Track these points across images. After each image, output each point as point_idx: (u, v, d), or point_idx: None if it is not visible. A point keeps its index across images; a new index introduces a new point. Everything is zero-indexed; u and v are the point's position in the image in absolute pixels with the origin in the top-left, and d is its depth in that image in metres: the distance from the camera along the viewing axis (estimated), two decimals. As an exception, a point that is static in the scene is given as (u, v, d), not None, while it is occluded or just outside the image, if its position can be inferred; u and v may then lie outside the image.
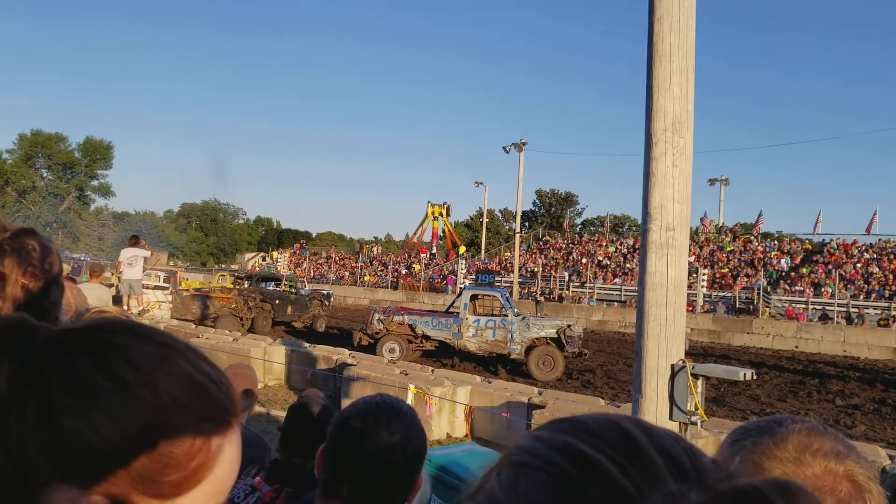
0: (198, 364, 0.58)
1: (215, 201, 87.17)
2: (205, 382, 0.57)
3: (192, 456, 0.54)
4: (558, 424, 0.47)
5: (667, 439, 0.44)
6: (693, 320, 26.81)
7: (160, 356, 0.56)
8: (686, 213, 4.18)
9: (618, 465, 0.41)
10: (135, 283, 14.53)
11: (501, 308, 16.17)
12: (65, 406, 0.51)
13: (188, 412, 0.55)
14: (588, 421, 0.46)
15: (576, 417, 0.47)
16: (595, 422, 0.46)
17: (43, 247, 1.17)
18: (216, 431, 0.57)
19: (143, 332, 0.58)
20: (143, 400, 0.53)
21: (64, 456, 0.51)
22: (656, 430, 0.45)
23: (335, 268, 53.12)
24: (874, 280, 30.76)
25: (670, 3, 4.11)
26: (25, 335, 0.56)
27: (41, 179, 72.93)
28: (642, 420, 0.47)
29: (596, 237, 46.76)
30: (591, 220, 70.76)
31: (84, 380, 0.53)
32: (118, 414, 0.52)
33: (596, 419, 0.46)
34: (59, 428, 0.51)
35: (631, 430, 0.44)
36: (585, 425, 0.46)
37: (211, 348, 11.67)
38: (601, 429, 0.45)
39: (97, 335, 0.56)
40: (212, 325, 18.29)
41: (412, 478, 1.38)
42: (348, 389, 9.66)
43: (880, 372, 19.27)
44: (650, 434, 0.44)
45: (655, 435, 0.44)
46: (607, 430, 0.45)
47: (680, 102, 4.10)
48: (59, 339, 0.56)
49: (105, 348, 0.55)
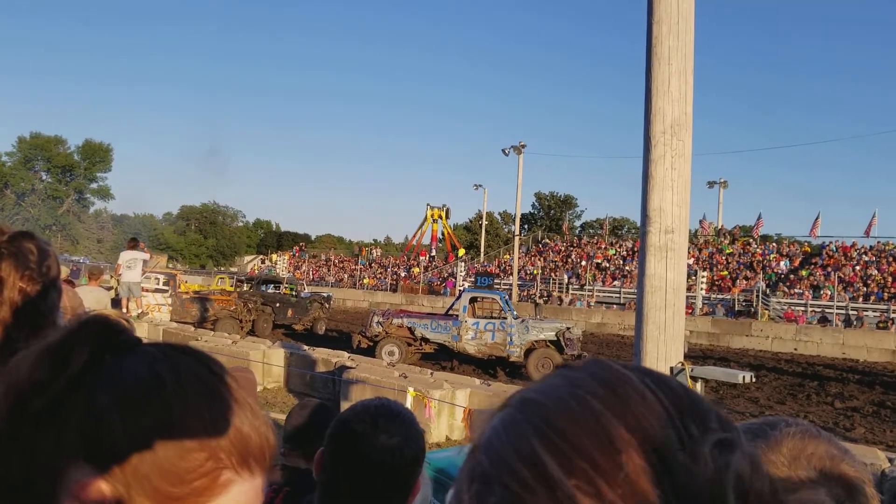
0: (243, 405, 0.62)
1: (214, 204, 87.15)
2: (238, 422, 0.60)
3: (196, 474, 0.56)
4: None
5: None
6: (692, 323, 26.80)
7: (207, 383, 0.61)
8: (685, 216, 4.19)
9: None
10: (134, 285, 14.51)
11: (500, 311, 16.17)
12: (108, 394, 0.58)
13: (208, 434, 0.58)
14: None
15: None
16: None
17: (41, 250, 1.17)
18: (230, 466, 0.58)
19: (208, 361, 0.65)
20: (169, 407, 0.57)
21: (92, 434, 0.56)
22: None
23: (334, 270, 53.11)
24: (873, 282, 30.78)
25: (669, 5, 4.12)
26: (112, 333, 0.63)
27: (40, 182, 72.94)
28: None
29: (595, 240, 46.78)
30: (591, 222, 70.77)
31: (130, 375, 0.59)
32: (148, 412, 0.57)
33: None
34: (96, 409, 0.57)
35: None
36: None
37: (209, 351, 11.59)
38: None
39: (164, 349, 0.63)
40: (211, 328, 18.28)
41: (411, 480, 1.38)
42: (347, 392, 9.65)
43: (879, 374, 19.27)
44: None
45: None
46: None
47: (679, 105, 4.11)
48: (135, 342, 0.64)
49: (164, 359, 0.61)
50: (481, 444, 0.47)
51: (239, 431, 0.60)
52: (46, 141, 71.52)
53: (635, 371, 0.47)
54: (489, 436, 0.47)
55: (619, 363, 0.49)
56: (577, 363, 0.51)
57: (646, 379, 0.46)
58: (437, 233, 54.66)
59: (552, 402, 0.46)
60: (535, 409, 0.46)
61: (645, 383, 0.46)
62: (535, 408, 0.46)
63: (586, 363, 0.49)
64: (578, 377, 0.47)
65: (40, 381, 0.59)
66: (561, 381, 0.47)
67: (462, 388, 9.40)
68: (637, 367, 0.48)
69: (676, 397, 0.45)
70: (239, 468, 0.59)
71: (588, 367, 0.49)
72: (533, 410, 0.46)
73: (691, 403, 0.45)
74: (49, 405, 0.58)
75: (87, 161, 74.06)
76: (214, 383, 0.62)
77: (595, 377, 0.46)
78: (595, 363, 0.49)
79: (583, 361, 0.51)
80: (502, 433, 0.46)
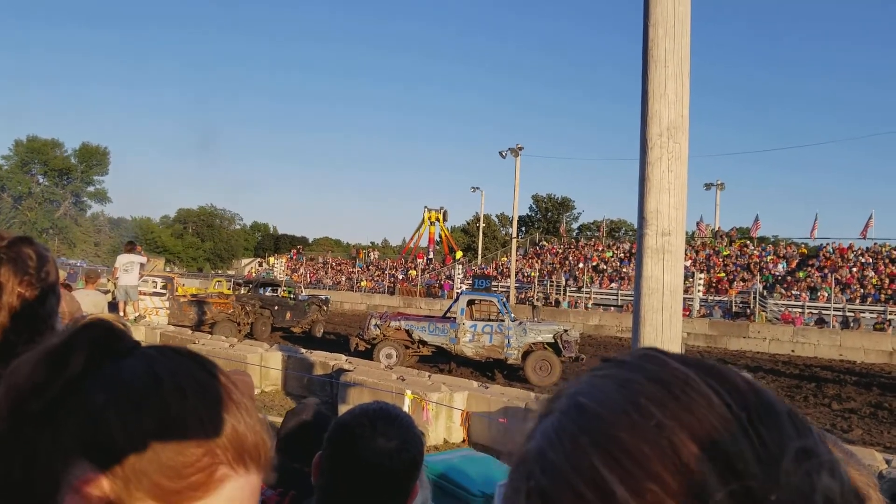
0: (239, 405, 0.63)
1: (212, 207, 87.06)
2: (234, 420, 0.62)
3: (193, 469, 0.58)
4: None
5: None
6: (689, 325, 26.83)
7: (204, 383, 0.63)
8: (682, 218, 4.19)
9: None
10: (131, 289, 14.47)
11: (498, 313, 16.17)
12: (106, 394, 0.59)
13: (205, 431, 0.60)
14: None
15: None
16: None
17: (39, 255, 1.17)
18: (226, 462, 0.60)
19: (205, 363, 0.66)
20: (167, 405, 0.59)
21: (90, 432, 0.58)
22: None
23: (332, 273, 53.06)
24: (870, 284, 30.84)
25: (665, 8, 4.13)
26: (109, 336, 0.65)
27: (37, 185, 72.80)
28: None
29: (592, 242, 46.81)
30: (588, 224, 70.87)
31: (128, 376, 0.61)
32: (146, 410, 0.58)
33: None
34: (94, 408, 0.59)
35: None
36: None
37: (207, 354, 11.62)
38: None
39: (161, 351, 0.65)
40: (209, 331, 18.27)
41: (409, 484, 1.37)
42: (345, 395, 9.64)
43: (876, 376, 19.30)
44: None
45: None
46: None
47: (675, 107, 4.12)
48: (132, 345, 0.66)
49: (161, 360, 0.63)
50: (532, 455, 0.42)
51: (234, 429, 0.61)
52: (43, 144, 71.42)
53: (694, 367, 0.43)
54: (541, 446, 0.42)
55: (674, 355, 0.44)
56: (625, 356, 0.46)
57: (708, 377, 0.41)
58: (435, 235, 54.79)
59: (607, 409, 0.41)
60: (588, 418, 0.41)
61: (708, 383, 0.41)
62: (588, 416, 0.41)
63: (638, 357, 0.45)
64: (632, 378, 0.42)
65: (39, 383, 0.61)
66: (612, 383, 0.43)
67: (460, 390, 9.40)
68: (695, 362, 0.44)
69: (743, 398, 0.40)
70: (235, 464, 0.60)
71: (641, 364, 0.44)
72: (587, 419, 0.41)
73: (761, 404, 0.41)
74: (48, 406, 0.60)
75: (84, 164, 73.95)
76: (211, 384, 0.63)
77: (651, 377, 0.42)
78: (647, 357, 0.44)
79: (633, 354, 0.46)
80: (557, 444, 0.41)
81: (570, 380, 0.47)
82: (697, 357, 0.45)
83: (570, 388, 0.45)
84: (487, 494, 4.34)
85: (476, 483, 4.44)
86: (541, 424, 0.44)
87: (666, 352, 0.45)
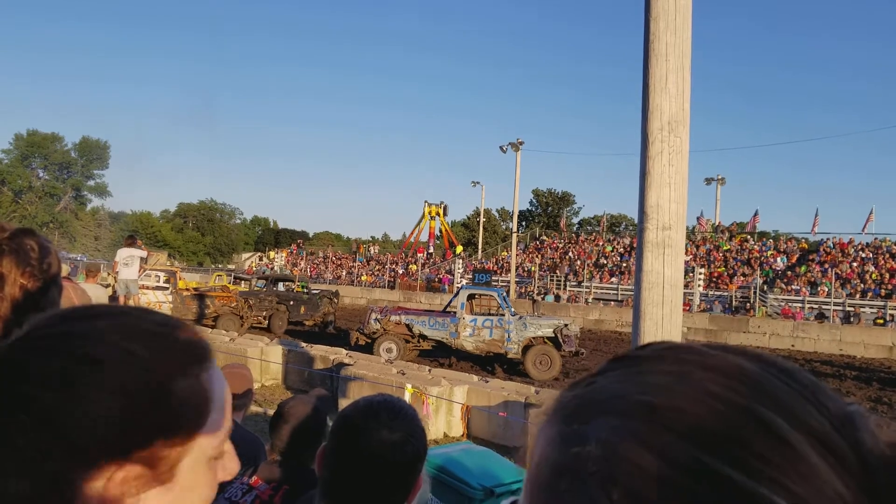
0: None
1: (212, 201, 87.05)
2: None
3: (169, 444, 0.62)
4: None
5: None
6: (689, 319, 26.85)
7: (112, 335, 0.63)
8: (682, 213, 4.19)
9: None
10: (131, 283, 14.46)
11: (498, 307, 16.17)
12: (43, 396, 0.58)
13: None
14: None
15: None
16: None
17: (42, 247, 1.17)
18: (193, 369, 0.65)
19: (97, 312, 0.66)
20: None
21: (70, 438, 0.58)
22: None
23: (332, 267, 53.05)
24: (870, 279, 30.83)
25: (666, 2, 4.12)
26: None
27: (37, 179, 72.81)
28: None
29: (593, 236, 46.79)
30: (588, 219, 70.83)
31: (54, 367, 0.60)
32: (102, 391, 0.59)
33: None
34: (42, 414, 0.57)
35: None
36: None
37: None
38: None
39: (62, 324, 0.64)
40: (213, 325, 18.30)
41: (412, 477, 1.37)
42: (345, 389, 9.66)
43: (876, 371, 19.32)
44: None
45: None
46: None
47: (676, 102, 4.11)
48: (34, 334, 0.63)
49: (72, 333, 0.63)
50: (611, 476, 0.39)
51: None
52: (43, 138, 71.40)
53: (731, 352, 0.43)
54: (623, 469, 0.39)
55: (700, 345, 0.44)
56: (647, 352, 0.45)
57: (747, 360, 0.42)
58: (435, 230, 54.76)
59: (684, 403, 0.39)
60: (667, 415, 0.39)
61: (753, 364, 0.42)
62: (666, 413, 0.39)
63: (668, 350, 0.44)
64: (684, 370, 0.41)
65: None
66: (666, 379, 0.41)
67: (460, 384, 9.41)
68: (720, 346, 0.44)
69: (789, 374, 0.41)
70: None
71: (680, 356, 0.43)
72: (666, 416, 0.39)
73: (810, 382, 0.41)
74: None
75: (85, 158, 73.97)
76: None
77: (704, 366, 0.41)
78: (679, 349, 0.44)
79: (656, 350, 0.45)
80: (640, 447, 0.39)
81: (585, 388, 0.45)
82: (712, 343, 0.45)
83: (604, 392, 0.43)
84: (486, 487, 4.34)
85: (475, 476, 4.45)
86: (591, 432, 0.41)
87: (685, 343, 0.45)
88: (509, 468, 4.82)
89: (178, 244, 78.38)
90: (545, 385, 12.66)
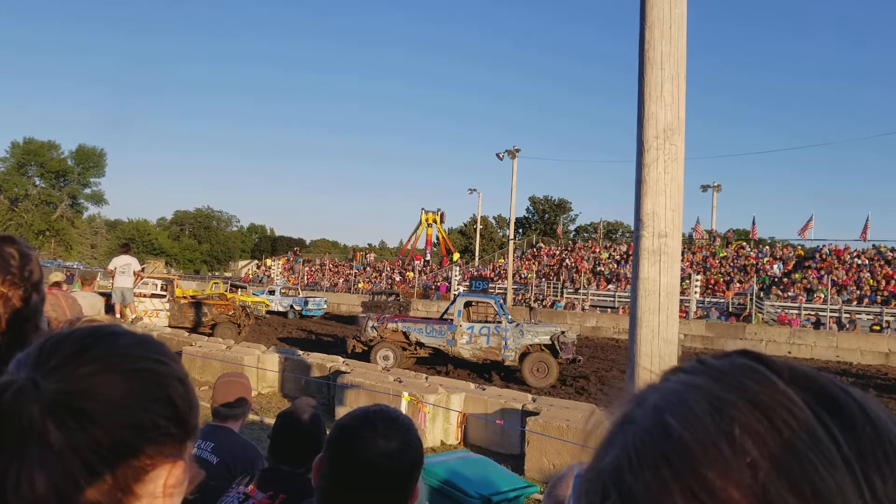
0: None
1: (208, 208, 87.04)
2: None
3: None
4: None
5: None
6: (686, 326, 26.87)
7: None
8: (678, 220, 4.20)
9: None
10: (126, 291, 14.43)
11: (495, 315, 16.16)
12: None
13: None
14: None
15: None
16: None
17: (22, 254, 1.16)
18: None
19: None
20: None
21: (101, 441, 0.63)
22: None
23: (329, 275, 52.99)
24: (866, 285, 30.90)
25: (661, 10, 4.14)
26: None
27: (34, 187, 72.67)
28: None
29: (589, 243, 46.82)
30: (585, 226, 70.93)
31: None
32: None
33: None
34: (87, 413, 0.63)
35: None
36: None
37: (204, 356, 11.62)
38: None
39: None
40: (210, 333, 18.25)
41: (409, 486, 1.37)
42: (342, 397, 9.63)
43: (873, 377, 19.34)
44: None
45: None
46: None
47: (671, 109, 4.12)
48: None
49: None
50: (609, 470, 0.38)
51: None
52: (40, 146, 71.29)
53: (802, 389, 0.37)
54: (620, 464, 0.37)
55: (778, 366, 0.39)
56: (722, 362, 0.41)
57: (816, 405, 0.36)
58: (432, 237, 54.73)
59: (696, 438, 0.35)
60: (674, 446, 0.36)
61: (816, 413, 0.35)
62: (674, 443, 0.36)
63: (738, 367, 0.39)
64: (728, 398, 0.37)
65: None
66: (705, 400, 0.37)
67: (457, 392, 9.39)
68: (805, 378, 0.38)
69: (858, 437, 0.34)
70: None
71: (740, 379, 0.38)
72: (672, 446, 0.36)
73: (878, 444, 0.34)
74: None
75: (81, 166, 73.83)
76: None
77: (750, 400, 0.36)
78: (747, 369, 0.39)
79: (731, 361, 0.40)
80: (637, 469, 0.36)
81: (656, 382, 0.42)
82: (804, 368, 0.39)
83: (656, 394, 0.40)
84: (484, 496, 4.33)
85: (473, 484, 4.44)
86: (621, 433, 0.39)
87: (768, 360, 0.40)
88: (506, 476, 4.81)
89: (175, 252, 78.31)
90: (542, 393, 12.64)
